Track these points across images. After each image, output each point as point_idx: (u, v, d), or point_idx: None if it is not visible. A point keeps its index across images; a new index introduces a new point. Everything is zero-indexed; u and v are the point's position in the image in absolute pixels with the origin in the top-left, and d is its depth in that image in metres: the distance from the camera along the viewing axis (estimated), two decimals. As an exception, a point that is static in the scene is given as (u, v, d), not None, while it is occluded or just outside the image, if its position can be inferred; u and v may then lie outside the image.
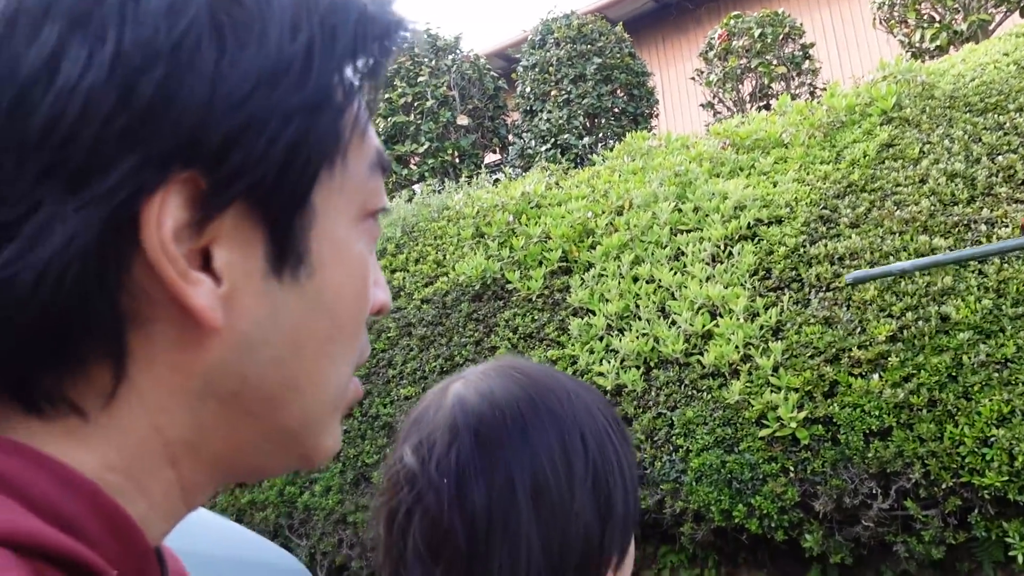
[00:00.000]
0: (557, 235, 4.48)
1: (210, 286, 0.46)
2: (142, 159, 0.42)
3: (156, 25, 0.42)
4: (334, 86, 0.48)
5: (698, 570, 4.17)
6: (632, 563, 0.87)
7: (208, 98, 0.43)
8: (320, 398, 0.53)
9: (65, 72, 0.41)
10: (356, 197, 0.53)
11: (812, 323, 3.48)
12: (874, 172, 3.76)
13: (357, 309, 0.54)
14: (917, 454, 3.17)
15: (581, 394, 0.84)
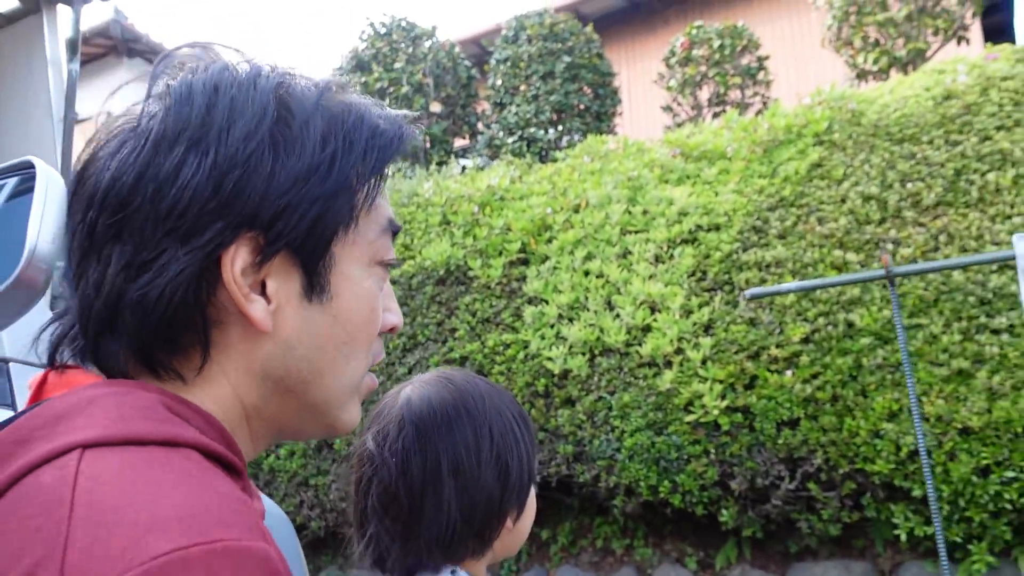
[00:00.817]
0: (518, 228, 4.83)
1: (263, 304, 0.75)
2: (224, 225, 0.73)
3: (237, 146, 0.74)
4: (350, 179, 0.76)
5: (628, 540, 4.61)
6: (533, 511, 1.25)
7: (265, 190, 0.74)
8: (339, 384, 0.80)
9: (183, 175, 0.73)
10: (368, 250, 0.80)
11: (739, 323, 3.89)
12: (803, 189, 4.18)
13: (367, 326, 0.80)
14: (820, 442, 3.61)
15: (494, 397, 1.23)
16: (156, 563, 0.51)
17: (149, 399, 0.69)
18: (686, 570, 4.31)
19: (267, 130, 0.74)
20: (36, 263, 1.29)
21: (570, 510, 4.74)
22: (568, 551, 4.71)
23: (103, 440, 0.61)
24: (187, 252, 0.72)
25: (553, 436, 4.30)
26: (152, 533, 0.53)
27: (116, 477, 0.58)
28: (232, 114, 0.75)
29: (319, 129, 0.76)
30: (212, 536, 0.54)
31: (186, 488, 0.59)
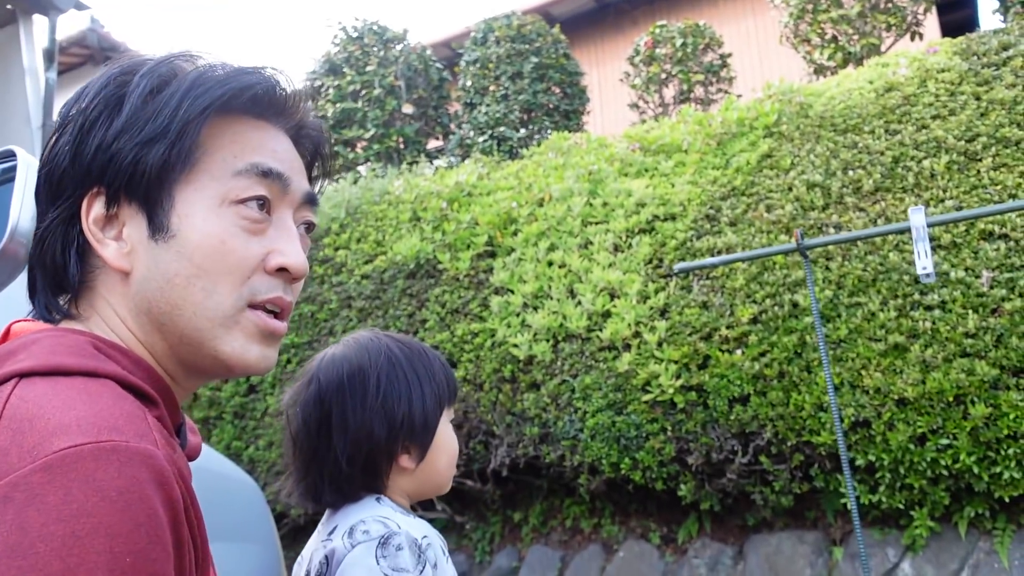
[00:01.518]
0: (484, 222, 5.02)
1: (115, 246, 0.90)
2: (75, 185, 0.90)
3: (83, 119, 0.90)
4: (165, 126, 0.85)
5: (596, 519, 4.80)
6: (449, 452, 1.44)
7: (96, 148, 0.89)
8: (200, 315, 0.88)
9: (52, 153, 0.91)
10: (216, 191, 0.88)
11: (692, 306, 4.09)
12: (753, 179, 4.38)
13: (219, 260, 0.87)
14: (769, 417, 3.81)
15: (393, 352, 1.43)
16: (56, 456, 0.64)
17: (79, 340, 0.82)
18: (650, 545, 4.51)
19: (103, 99, 0.89)
20: (17, 238, 1.47)
21: (540, 491, 4.93)
22: (539, 531, 4.89)
23: (36, 370, 0.75)
24: (55, 209, 0.89)
25: (520, 419, 4.48)
26: (56, 435, 0.66)
27: (38, 396, 0.72)
28: (87, 96, 0.90)
29: (146, 88, 0.88)
30: (103, 437, 0.67)
31: (91, 404, 0.71)
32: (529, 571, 4.72)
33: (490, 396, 4.53)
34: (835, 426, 2.77)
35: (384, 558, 1.22)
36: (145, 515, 0.66)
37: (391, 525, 1.27)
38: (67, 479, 0.64)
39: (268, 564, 2.40)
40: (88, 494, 0.64)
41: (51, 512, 0.62)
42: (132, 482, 0.66)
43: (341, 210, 5.76)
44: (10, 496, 0.63)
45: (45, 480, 0.64)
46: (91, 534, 0.63)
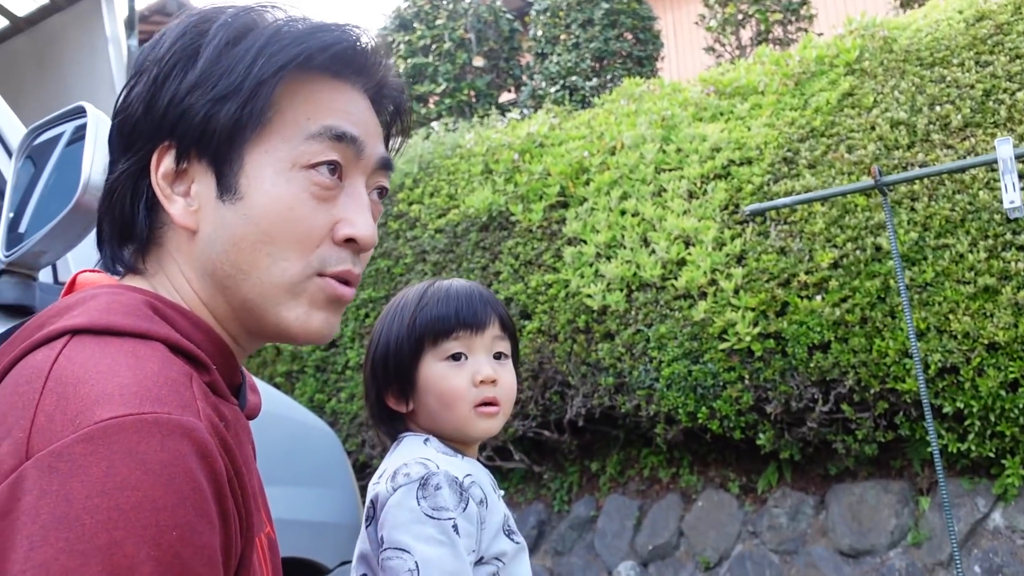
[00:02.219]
0: (556, 172, 4.98)
1: (182, 203, 0.88)
2: (147, 137, 0.88)
3: (158, 70, 0.88)
4: (239, 83, 0.83)
5: (674, 469, 4.78)
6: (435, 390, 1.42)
7: (169, 101, 0.87)
8: (267, 281, 0.85)
9: (127, 101, 0.90)
10: (288, 155, 0.85)
11: (770, 252, 3.99)
12: (833, 119, 4.22)
13: (287, 227, 0.85)
14: (851, 364, 3.71)
15: (399, 296, 1.47)
16: (98, 427, 0.65)
17: (136, 299, 0.82)
18: (729, 495, 4.47)
19: (178, 51, 0.87)
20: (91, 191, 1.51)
21: (616, 441, 4.93)
22: (616, 480, 4.91)
23: (88, 327, 0.75)
24: (126, 160, 0.88)
25: (595, 369, 4.47)
26: (98, 403, 0.67)
27: (86, 358, 0.72)
28: (163, 46, 0.88)
29: (221, 41, 0.85)
30: (145, 408, 0.67)
31: (137, 371, 0.70)
32: (607, 520, 4.75)
33: (565, 347, 4.53)
34: (917, 373, 2.68)
35: (424, 499, 1.23)
36: (189, 488, 0.66)
37: (430, 466, 1.27)
38: (110, 451, 0.64)
39: (346, 508, 2.47)
40: (131, 467, 0.64)
41: (95, 484, 0.63)
42: (175, 455, 0.66)
43: (414, 165, 5.79)
44: (55, 466, 0.64)
45: (88, 451, 0.64)
46: (136, 508, 0.63)
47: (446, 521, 1.22)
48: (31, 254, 1.58)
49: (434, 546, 1.20)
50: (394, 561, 1.22)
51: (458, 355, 1.39)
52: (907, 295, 2.70)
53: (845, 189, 2.85)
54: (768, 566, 4.19)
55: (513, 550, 1.35)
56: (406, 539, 1.21)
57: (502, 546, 1.33)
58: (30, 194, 1.63)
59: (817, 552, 4.09)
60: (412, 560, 1.20)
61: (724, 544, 4.34)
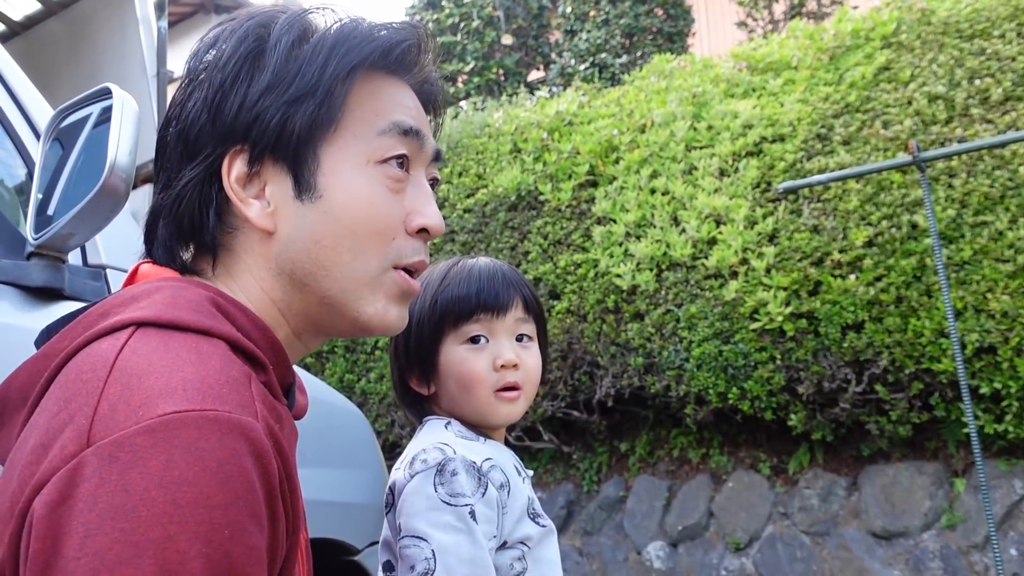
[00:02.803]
0: (585, 151, 4.93)
1: (259, 205, 0.89)
2: (215, 143, 0.88)
3: (222, 75, 0.88)
4: (313, 84, 0.88)
5: (704, 449, 4.75)
6: (456, 375, 1.39)
7: (239, 106, 0.88)
8: (348, 276, 0.88)
9: (188, 107, 0.89)
10: (361, 150, 0.90)
11: (802, 230, 3.92)
12: (869, 94, 4.13)
13: (367, 222, 0.88)
14: (885, 344, 3.65)
15: (432, 277, 1.40)
16: (160, 420, 0.66)
17: (201, 295, 0.82)
18: (760, 475, 4.44)
19: (243, 55, 0.87)
20: (117, 173, 1.51)
21: (646, 422, 4.91)
22: (646, 461, 4.89)
23: (154, 320, 0.76)
24: (192, 167, 0.88)
25: (624, 350, 4.45)
26: (162, 397, 0.68)
27: (151, 351, 0.73)
28: (221, 51, 0.88)
29: (287, 44, 0.87)
30: (207, 405, 0.67)
31: (200, 367, 0.71)
32: (636, 501, 4.74)
33: (594, 327, 4.51)
34: (955, 352, 2.62)
35: (441, 485, 1.21)
36: (243, 488, 0.67)
37: (447, 451, 1.25)
38: (170, 445, 0.65)
39: (374, 488, 2.47)
40: (190, 463, 0.65)
41: (153, 477, 0.63)
42: (232, 454, 0.67)
43: (441, 144, 5.76)
44: (115, 455, 0.64)
45: (149, 444, 0.65)
46: (191, 504, 0.64)
47: (463, 508, 1.20)
48: (59, 237, 1.58)
49: (451, 533, 1.19)
50: (411, 549, 1.20)
51: (477, 338, 1.36)
52: (945, 274, 2.64)
53: (882, 166, 2.79)
54: (799, 547, 4.16)
55: (539, 534, 1.33)
56: (423, 527, 1.20)
57: (527, 530, 1.31)
58: (58, 176, 1.64)
59: (849, 534, 4.05)
60: (429, 548, 1.19)
61: (754, 525, 4.32)
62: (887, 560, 3.94)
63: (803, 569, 4.12)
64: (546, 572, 1.34)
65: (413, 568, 1.21)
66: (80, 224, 1.55)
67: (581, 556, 4.74)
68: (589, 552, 4.75)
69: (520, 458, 1.48)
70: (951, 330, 2.61)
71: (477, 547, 1.19)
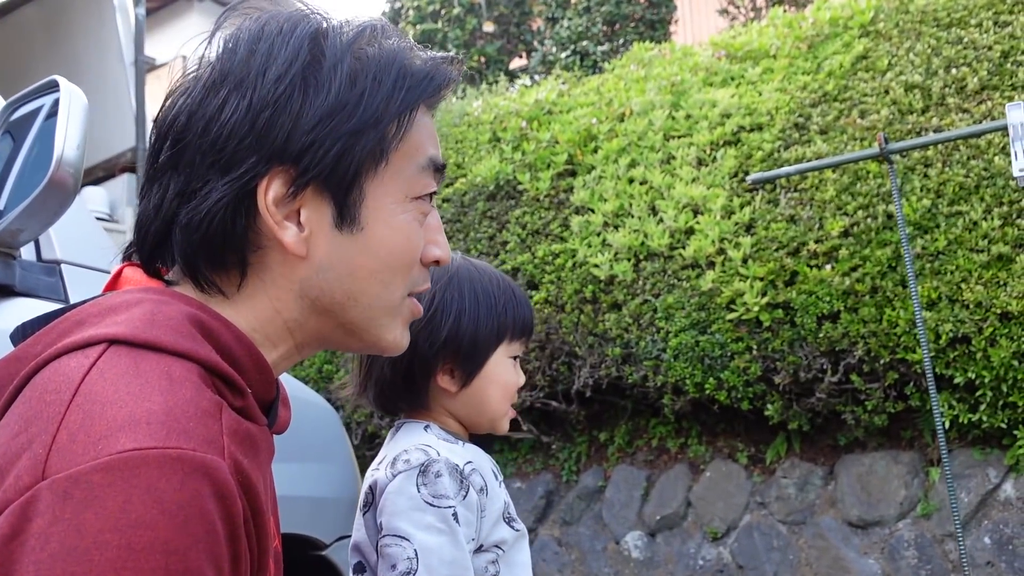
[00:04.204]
0: (564, 140, 4.90)
1: (295, 231, 0.84)
2: (257, 159, 0.82)
3: (270, 87, 0.83)
4: (377, 116, 0.85)
5: (683, 439, 4.75)
6: (498, 383, 1.40)
7: (293, 127, 0.82)
8: (374, 306, 0.88)
9: (225, 114, 0.83)
10: (404, 186, 0.88)
11: (779, 220, 3.92)
12: (847, 83, 4.12)
13: (401, 256, 0.87)
14: (860, 334, 3.65)
15: (460, 272, 1.40)
16: (119, 457, 0.63)
17: (181, 311, 0.79)
18: (737, 465, 4.44)
19: (298, 72, 0.82)
20: (64, 168, 1.47)
21: (625, 412, 4.91)
22: (625, 451, 4.89)
23: (128, 339, 0.73)
24: (226, 182, 0.82)
25: (602, 340, 4.44)
26: (123, 430, 0.64)
27: (119, 375, 0.69)
28: (268, 60, 0.83)
29: (347, 70, 0.83)
30: (170, 443, 0.65)
31: (168, 397, 0.68)
32: (615, 490, 4.74)
33: (572, 317, 4.49)
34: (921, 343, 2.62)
35: (424, 486, 1.21)
36: (203, 531, 0.65)
37: (431, 452, 1.25)
38: (128, 484, 0.62)
39: (345, 482, 2.47)
40: (148, 505, 0.62)
41: (108, 518, 0.61)
42: (193, 495, 0.64)
43: (421, 134, 5.72)
44: (70, 493, 0.62)
45: (106, 482, 0.62)
46: (147, 549, 0.61)
47: (446, 509, 1.20)
48: (8, 232, 1.54)
49: (434, 534, 1.19)
50: (393, 548, 1.20)
51: (517, 357, 1.43)
52: (913, 264, 2.64)
53: (850, 157, 2.78)
54: (776, 536, 4.17)
55: (513, 537, 1.33)
56: (405, 526, 1.20)
57: (502, 534, 1.31)
58: (9, 170, 1.60)
59: (826, 523, 4.07)
60: (411, 548, 1.18)
61: (732, 515, 4.33)
62: (863, 549, 3.96)
63: (780, 558, 4.13)
64: (519, 575, 1.33)
65: (395, 567, 1.20)
66: (28, 219, 1.51)
67: (560, 546, 4.74)
68: (568, 542, 4.75)
69: (500, 448, 1.49)
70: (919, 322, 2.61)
71: (459, 549, 1.19)
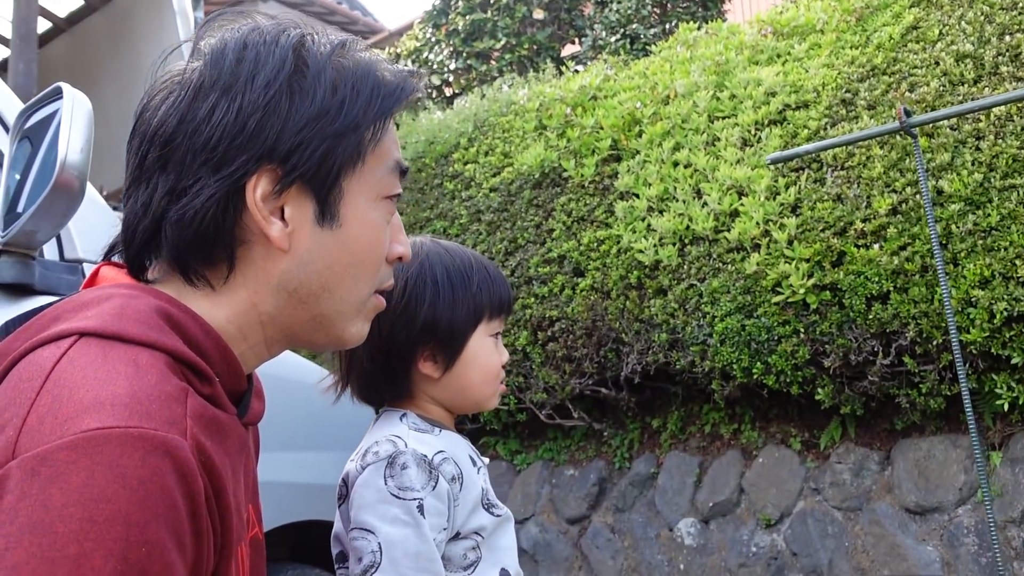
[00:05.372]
0: (608, 125, 4.86)
1: (280, 226, 0.91)
2: (247, 158, 0.89)
3: (259, 92, 0.89)
4: (356, 121, 0.92)
5: (735, 425, 4.68)
6: (479, 366, 1.41)
7: (281, 129, 0.89)
8: (345, 299, 0.95)
9: (216, 116, 0.89)
10: (376, 186, 0.97)
11: (825, 200, 3.81)
12: (896, 55, 3.97)
13: (372, 252, 0.97)
14: (911, 315, 3.53)
15: (430, 257, 1.40)
16: (83, 436, 0.67)
17: (150, 304, 0.84)
18: (790, 450, 4.36)
19: (285, 79, 0.89)
20: (68, 170, 1.53)
21: (676, 398, 4.86)
22: (677, 437, 4.84)
23: (98, 331, 0.78)
24: (217, 180, 0.88)
25: (648, 326, 4.39)
26: (88, 412, 0.69)
27: (87, 363, 0.74)
28: (256, 66, 0.89)
29: (330, 79, 0.91)
30: (132, 422, 0.69)
31: (133, 381, 0.73)
32: (667, 477, 4.70)
33: (617, 304, 4.46)
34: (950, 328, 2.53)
35: (391, 478, 1.22)
36: (164, 506, 0.68)
37: (399, 444, 1.26)
38: (92, 461, 0.66)
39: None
40: (110, 480, 0.65)
41: (73, 493, 0.64)
42: (154, 471, 0.67)
43: (469, 124, 5.75)
44: (37, 470, 0.65)
45: (70, 459, 0.66)
46: (108, 521, 0.64)
47: (411, 502, 1.21)
48: (23, 233, 1.61)
49: (399, 527, 1.20)
50: (359, 542, 1.22)
51: (497, 334, 1.44)
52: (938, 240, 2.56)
53: (870, 133, 2.68)
54: (831, 523, 4.08)
55: (493, 523, 1.34)
56: (371, 519, 1.21)
57: (480, 520, 1.32)
58: (27, 174, 1.67)
59: (882, 509, 3.96)
60: (376, 541, 1.20)
61: (785, 501, 4.25)
62: (921, 536, 3.84)
63: (835, 545, 4.04)
64: (501, 559, 1.34)
65: (360, 560, 1.22)
66: (40, 221, 1.58)
67: (613, 533, 4.73)
68: (621, 529, 4.73)
69: (553, 436, 1.48)
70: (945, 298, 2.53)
71: (423, 541, 1.20)
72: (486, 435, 5.47)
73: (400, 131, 6.16)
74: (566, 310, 4.65)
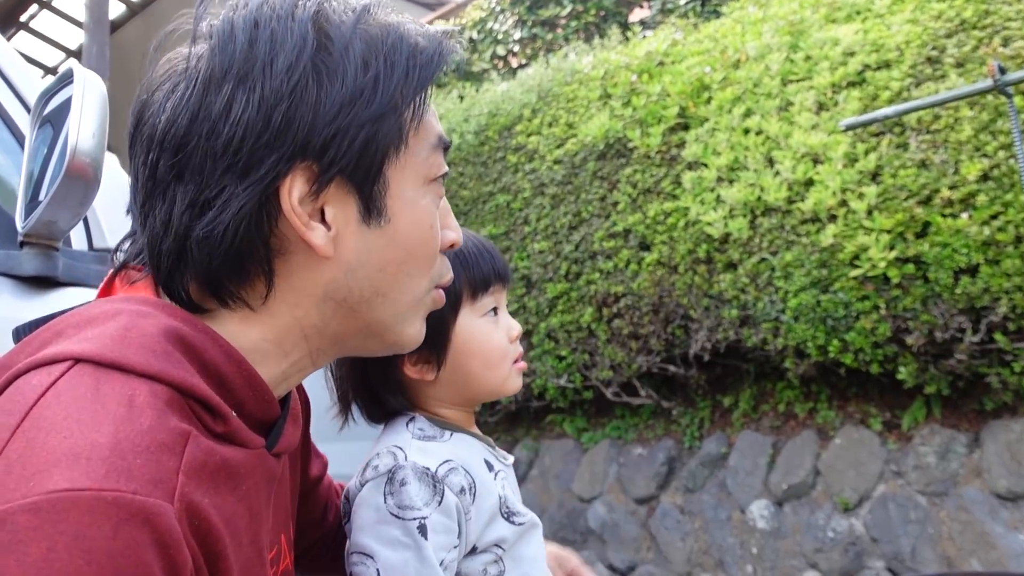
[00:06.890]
0: (675, 92, 4.65)
1: (323, 231, 0.78)
2: (278, 157, 0.75)
3: (282, 78, 0.75)
4: (394, 100, 0.78)
5: (811, 404, 4.48)
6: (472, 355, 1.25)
7: (313, 119, 0.76)
8: (402, 300, 0.84)
9: (235, 112, 0.75)
10: (420, 169, 0.83)
11: (908, 166, 3.55)
12: (987, 7, 3.66)
13: (425, 244, 0.83)
14: (1004, 289, 3.27)
15: None
16: (47, 498, 0.57)
17: (160, 325, 0.73)
18: (870, 431, 4.13)
19: (309, 59, 0.76)
20: (80, 157, 1.46)
21: (748, 376, 4.67)
22: (749, 416, 4.66)
23: (95, 358, 0.68)
24: (246, 187, 0.75)
25: (718, 302, 4.21)
26: (59, 466, 0.59)
27: (75, 399, 0.64)
28: (273, 47, 0.76)
29: (359, 53, 0.77)
30: (107, 484, 0.59)
31: (120, 427, 0.63)
32: (739, 457, 4.53)
33: (685, 278, 4.29)
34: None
35: (391, 495, 1.11)
36: None
37: (399, 457, 1.14)
38: (55, 529, 0.57)
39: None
40: (74, 554, 0.57)
41: (30, 568, 0.56)
42: (127, 546, 0.59)
43: (532, 95, 5.59)
44: None
45: (31, 525, 0.57)
46: None
47: (411, 521, 1.09)
48: (42, 223, 1.56)
49: (399, 550, 1.09)
50: (359, 567, 1.11)
51: (494, 309, 1.28)
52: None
53: (957, 93, 2.43)
54: (914, 508, 3.86)
55: (514, 533, 1.22)
56: (369, 542, 1.11)
57: (500, 531, 1.20)
58: (48, 161, 1.61)
59: (970, 494, 3.72)
60: (374, 567, 1.09)
61: (864, 484, 4.03)
62: (1012, 523, 3.59)
63: (918, 532, 3.82)
64: (527, 571, 1.23)
65: None
66: (57, 210, 1.51)
67: (682, 514, 4.59)
68: (691, 510, 4.59)
69: (621, 414, 1.33)
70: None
71: (426, 565, 1.09)
72: (552, 413, 5.37)
73: (463, 103, 6.05)
74: (632, 286, 4.49)
